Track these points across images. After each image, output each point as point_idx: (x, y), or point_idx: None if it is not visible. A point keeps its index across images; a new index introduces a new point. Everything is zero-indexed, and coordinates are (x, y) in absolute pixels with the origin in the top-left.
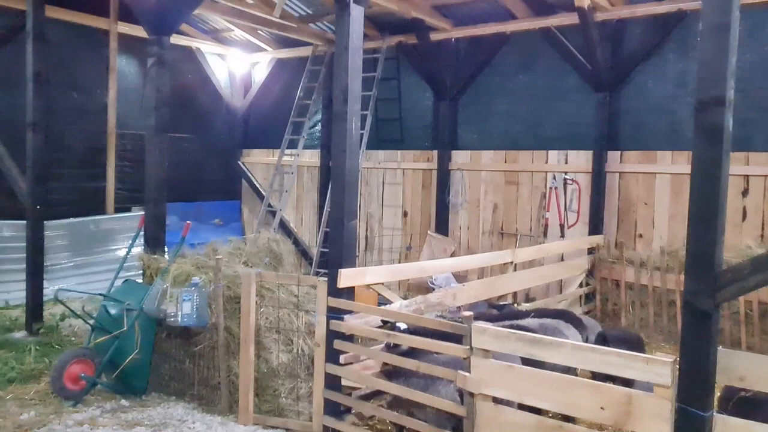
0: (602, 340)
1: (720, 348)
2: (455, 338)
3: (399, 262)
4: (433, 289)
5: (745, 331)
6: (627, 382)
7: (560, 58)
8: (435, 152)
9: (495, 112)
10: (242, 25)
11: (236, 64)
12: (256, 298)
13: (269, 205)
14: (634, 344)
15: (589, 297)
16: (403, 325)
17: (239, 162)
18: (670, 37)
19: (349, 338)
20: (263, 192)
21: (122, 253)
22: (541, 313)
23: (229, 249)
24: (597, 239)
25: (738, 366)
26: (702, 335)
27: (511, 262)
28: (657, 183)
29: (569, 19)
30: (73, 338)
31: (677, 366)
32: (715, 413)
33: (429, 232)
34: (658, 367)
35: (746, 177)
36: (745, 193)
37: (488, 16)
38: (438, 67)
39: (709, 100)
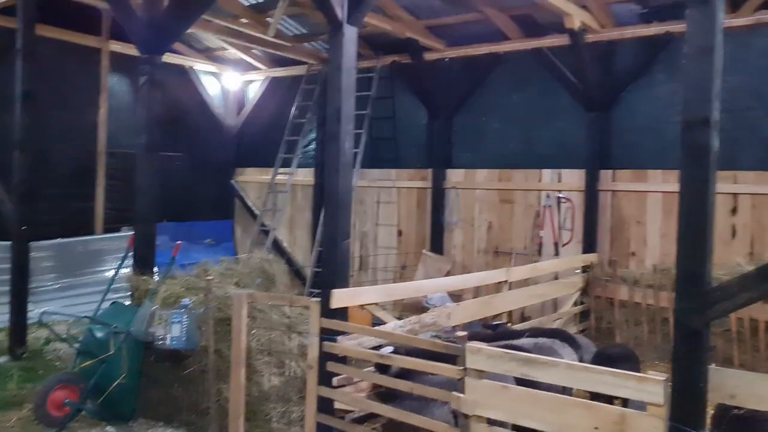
0: (606, 358)
1: (711, 366)
2: (450, 359)
3: (394, 282)
4: (428, 309)
5: (738, 348)
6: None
7: (552, 79)
8: (430, 171)
9: (489, 131)
10: (236, 44)
11: (230, 82)
12: (248, 319)
13: (262, 225)
14: (633, 360)
15: (583, 315)
16: (389, 348)
17: (232, 181)
18: (658, 59)
19: (342, 360)
20: (256, 211)
21: (110, 274)
22: (535, 333)
23: (221, 269)
24: (591, 257)
25: (729, 384)
26: (693, 353)
27: (506, 281)
28: (648, 201)
29: (560, 40)
30: (57, 363)
31: (670, 384)
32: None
33: (424, 251)
34: (651, 385)
35: (735, 195)
36: (734, 211)
37: (481, 37)
38: (432, 86)
39: (695, 121)
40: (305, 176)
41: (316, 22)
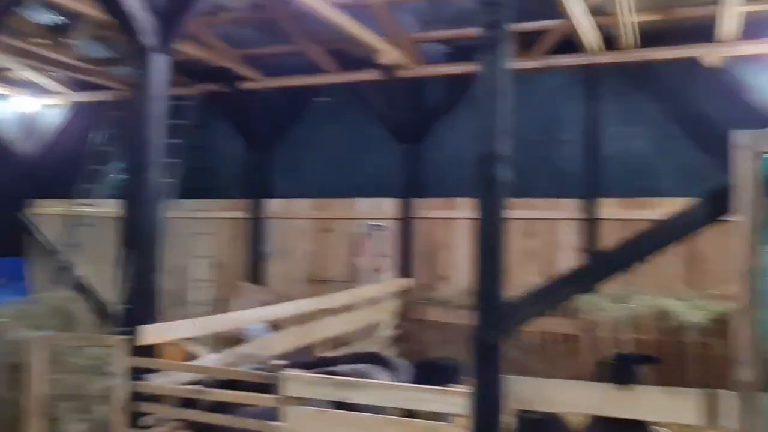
0: (453, 369)
1: (508, 376)
2: (271, 388)
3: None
4: (248, 341)
5: (535, 359)
6: None
7: (367, 111)
8: (248, 201)
9: (307, 162)
10: (32, 65)
11: (24, 106)
12: (46, 364)
13: (62, 261)
14: (459, 368)
15: (400, 337)
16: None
17: (25, 214)
18: (464, 96)
19: (155, 399)
20: (56, 247)
21: None
22: (352, 358)
23: (13, 311)
24: (406, 282)
25: (524, 391)
26: (490, 365)
27: (326, 309)
28: (456, 227)
29: (374, 75)
30: None
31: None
32: None
33: (243, 282)
34: (455, 398)
35: (529, 220)
36: (528, 235)
37: (298, 69)
38: (249, 116)
39: (487, 155)
40: (111, 208)
41: (125, 46)
